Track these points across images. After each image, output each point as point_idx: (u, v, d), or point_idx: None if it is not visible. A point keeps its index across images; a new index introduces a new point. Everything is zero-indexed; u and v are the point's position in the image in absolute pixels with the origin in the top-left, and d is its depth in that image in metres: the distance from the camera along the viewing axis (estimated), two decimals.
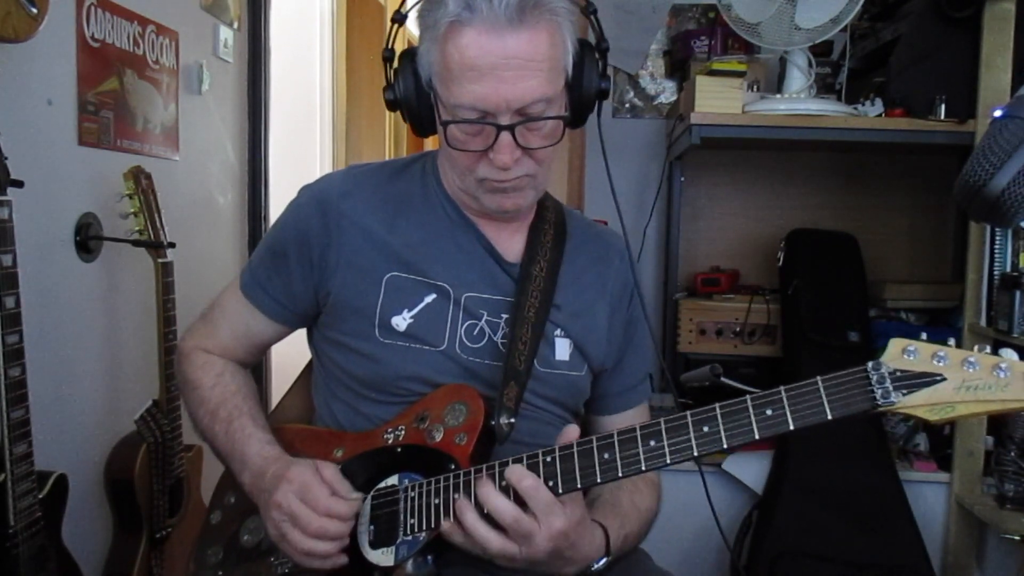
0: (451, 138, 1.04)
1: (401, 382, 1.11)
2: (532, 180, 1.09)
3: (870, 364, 0.87)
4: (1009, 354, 0.83)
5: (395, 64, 1.11)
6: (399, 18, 1.11)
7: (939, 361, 0.85)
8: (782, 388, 0.89)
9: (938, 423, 0.85)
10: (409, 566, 1.01)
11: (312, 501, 1.00)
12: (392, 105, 1.12)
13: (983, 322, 2.05)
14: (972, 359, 0.83)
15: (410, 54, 1.09)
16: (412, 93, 1.08)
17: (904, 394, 0.85)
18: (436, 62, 1.04)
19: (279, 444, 1.13)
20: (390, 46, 1.11)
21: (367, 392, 1.14)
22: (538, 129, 1.05)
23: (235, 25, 2.55)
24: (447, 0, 0.99)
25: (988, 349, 0.84)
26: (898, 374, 0.86)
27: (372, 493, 1.06)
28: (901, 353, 0.86)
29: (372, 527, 1.04)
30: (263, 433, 1.13)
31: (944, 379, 0.84)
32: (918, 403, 0.84)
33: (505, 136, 1.02)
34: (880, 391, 0.85)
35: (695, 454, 0.91)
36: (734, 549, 2.21)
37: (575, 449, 0.96)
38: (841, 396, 0.87)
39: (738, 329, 2.54)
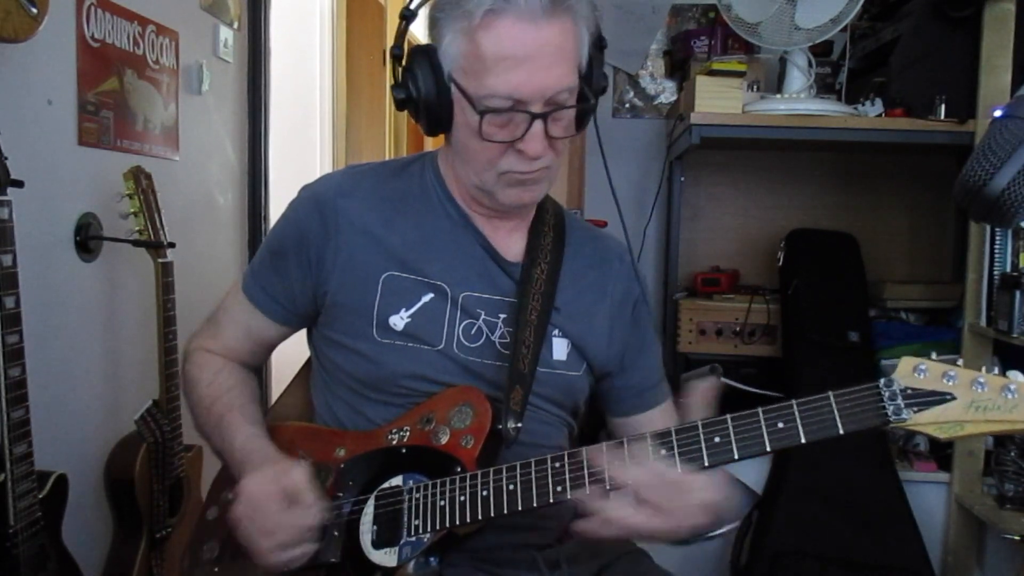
0: (484, 130, 1.04)
1: (399, 381, 1.11)
2: (548, 172, 1.10)
3: (882, 380, 0.88)
4: (1016, 376, 0.85)
5: (405, 61, 1.10)
6: (408, 15, 1.10)
7: (949, 380, 0.86)
8: (793, 401, 0.90)
9: (946, 440, 0.87)
10: (412, 567, 1.00)
11: (260, 521, 1.02)
12: (404, 103, 1.10)
13: (983, 322, 2.05)
14: (981, 379, 0.85)
15: (425, 50, 1.08)
16: (432, 89, 1.07)
17: (915, 411, 0.86)
18: (464, 54, 1.03)
19: (278, 443, 1.13)
20: (399, 43, 1.10)
21: (366, 392, 1.14)
22: (561, 119, 1.06)
23: (235, 25, 2.55)
24: None
25: (996, 370, 0.86)
26: (909, 391, 0.87)
27: (376, 493, 1.06)
28: (912, 371, 0.88)
29: (375, 527, 1.04)
30: (250, 427, 1.14)
31: (954, 398, 0.86)
32: (928, 421, 0.86)
33: (537, 125, 1.03)
34: (892, 407, 0.87)
35: (706, 464, 0.91)
36: (734, 549, 2.21)
37: (584, 455, 0.96)
38: (853, 411, 0.88)
39: (738, 329, 2.54)
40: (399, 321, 1.11)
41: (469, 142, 1.07)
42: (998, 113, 1.59)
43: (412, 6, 1.11)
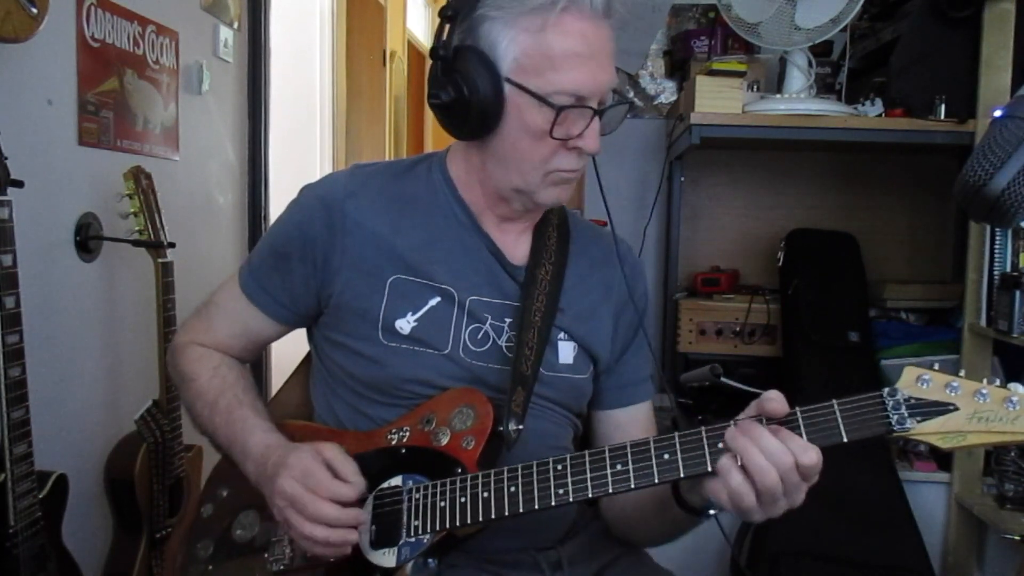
0: (555, 128, 1.04)
1: (404, 385, 1.11)
2: (580, 172, 1.12)
3: (886, 390, 0.89)
4: (1018, 388, 0.86)
5: (449, 63, 1.07)
6: (452, 15, 1.08)
7: (952, 391, 0.87)
8: (798, 409, 0.90)
9: (949, 450, 0.88)
10: (411, 568, 1.00)
11: (314, 486, 1.00)
12: (449, 106, 1.07)
13: (983, 322, 2.05)
14: (984, 391, 0.86)
15: (475, 51, 1.05)
16: (487, 89, 1.05)
17: (918, 421, 0.87)
18: (527, 52, 1.03)
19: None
20: (445, 44, 1.07)
21: (369, 393, 1.13)
22: (608, 118, 1.10)
23: (235, 25, 2.55)
24: None
25: (998, 381, 0.87)
26: (912, 401, 0.88)
27: (375, 493, 1.05)
28: (915, 381, 0.89)
29: (374, 527, 1.03)
30: (264, 422, 1.13)
31: (957, 409, 0.87)
32: (931, 431, 0.87)
33: (597, 121, 1.06)
34: (896, 416, 0.87)
35: (708, 469, 0.91)
36: (734, 549, 2.21)
37: (587, 458, 0.96)
38: (857, 420, 0.89)
39: (738, 329, 2.54)
40: (406, 325, 1.11)
41: (520, 142, 1.07)
42: (998, 113, 1.59)
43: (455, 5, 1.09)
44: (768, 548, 2.12)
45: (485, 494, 0.98)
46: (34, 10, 1.52)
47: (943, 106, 2.19)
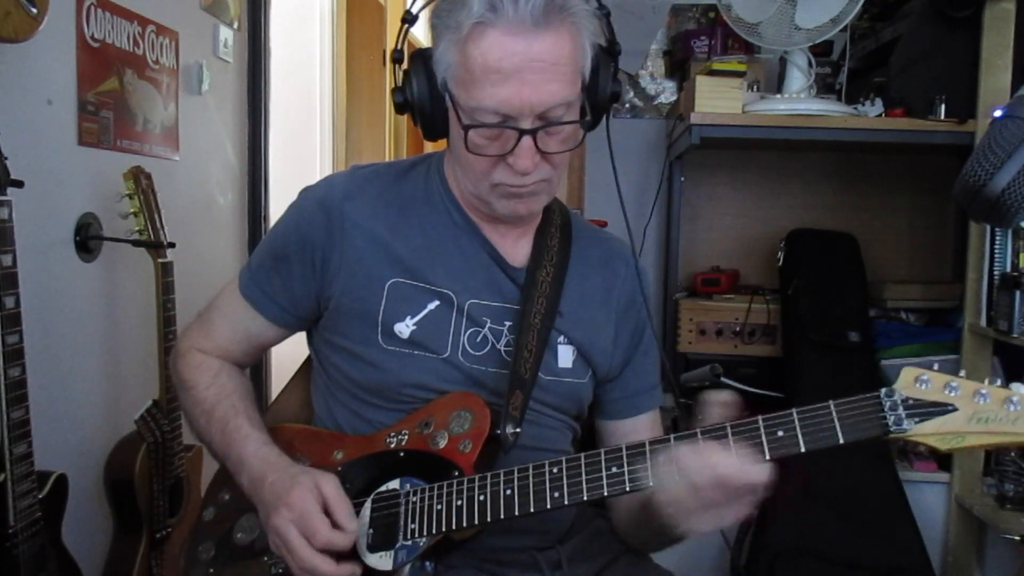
0: (470, 143, 1.02)
1: (403, 389, 1.11)
2: (547, 185, 1.08)
3: (883, 390, 0.88)
4: (1020, 388, 0.85)
5: (405, 65, 1.09)
6: (410, 18, 1.09)
7: (951, 391, 0.86)
8: (794, 410, 0.90)
9: (947, 452, 0.87)
10: (407, 571, 1.00)
11: (311, 533, 0.98)
12: (402, 107, 1.09)
13: (983, 322, 2.05)
14: (984, 391, 0.85)
15: (423, 55, 1.07)
16: (426, 95, 1.06)
17: (916, 422, 0.86)
18: (455, 64, 1.01)
19: (277, 444, 1.12)
20: (399, 47, 1.09)
21: (368, 397, 1.13)
22: (557, 133, 1.03)
23: (235, 25, 2.55)
24: (470, 1, 0.96)
25: (999, 382, 0.85)
26: (911, 402, 0.87)
27: (372, 496, 1.05)
28: (914, 381, 0.87)
29: (371, 530, 1.03)
30: (260, 434, 1.12)
31: (956, 409, 0.85)
32: (929, 432, 0.86)
33: (526, 141, 1.00)
34: (892, 417, 0.87)
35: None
36: (734, 549, 2.21)
37: (582, 461, 0.96)
38: (853, 421, 0.88)
39: (738, 329, 2.54)
40: (405, 328, 1.10)
41: (462, 152, 1.05)
42: (998, 113, 1.59)
43: (414, 9, 1.10)
44: (768, 548, 2.11)
45: (481, 497, 0.98)
46: (34, 10, 1.51)
47: (943, 106, 2.20)
